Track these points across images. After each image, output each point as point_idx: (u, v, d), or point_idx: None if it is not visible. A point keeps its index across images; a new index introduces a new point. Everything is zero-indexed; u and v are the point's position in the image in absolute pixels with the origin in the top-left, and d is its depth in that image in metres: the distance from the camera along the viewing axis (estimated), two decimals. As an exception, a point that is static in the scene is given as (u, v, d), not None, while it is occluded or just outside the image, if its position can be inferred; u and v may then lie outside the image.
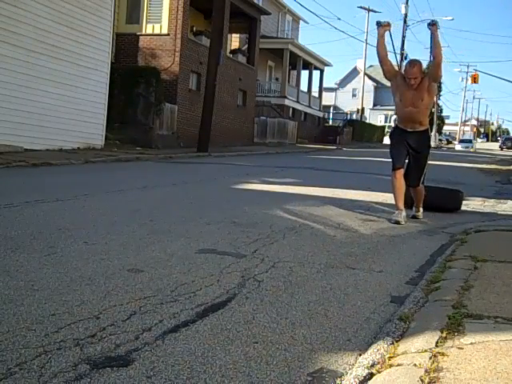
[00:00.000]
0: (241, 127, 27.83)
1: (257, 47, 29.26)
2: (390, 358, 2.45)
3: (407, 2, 48.76)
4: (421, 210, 6.98)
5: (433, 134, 61.70)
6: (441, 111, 70.40)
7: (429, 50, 6.83)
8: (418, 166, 6.65)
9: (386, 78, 6.80)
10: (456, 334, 2.64)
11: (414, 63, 6.53)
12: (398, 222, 6.35)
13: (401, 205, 6.51)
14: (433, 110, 63.88)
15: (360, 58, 56.23)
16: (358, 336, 2.88)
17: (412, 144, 6.59)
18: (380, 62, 6.69)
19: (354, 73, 76.24)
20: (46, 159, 11.85)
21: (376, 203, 8.09)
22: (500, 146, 67.89)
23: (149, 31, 22.04)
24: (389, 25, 6.71)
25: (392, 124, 51.19)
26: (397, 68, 6.97)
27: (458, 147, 61.16)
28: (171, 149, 19.20)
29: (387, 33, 6.87)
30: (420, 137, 6.64)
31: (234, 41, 30.68)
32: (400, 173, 6.55)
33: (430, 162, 6.89)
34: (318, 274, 4.06)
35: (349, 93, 75.99)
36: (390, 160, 6.66)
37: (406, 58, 50.60)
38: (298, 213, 6.86)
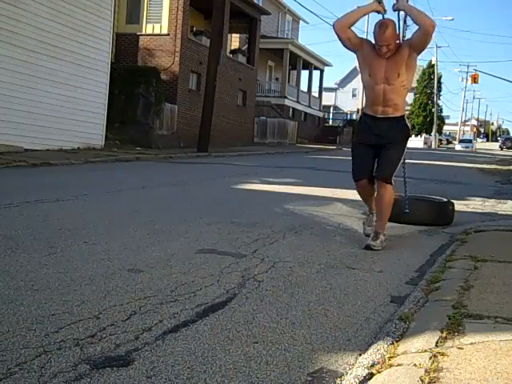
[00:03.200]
0: (241, 127, 27.83)
1: (257, 47, 29.26)
2: (390, 358, 2.45)
3: (407, 2, 48.77)
4: (381, 237, 5.05)
5: (433, 133, 61.92)
6: (441, 111, 70.42)
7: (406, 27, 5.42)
8: (389, 156, 5.09)
9: (347, 47, 5.12)
10: (456, 334, 2.64)
11: (386, 24, 4.88)
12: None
13: (372, 207, 5.41)
14: (433, 110, 64.13)
15: (360, 58, 56.17)
16: (358, 336, 2.88)
17: (379, 132, 5.03)
18: (337, 30, 4.99)
19: (353, 73, 76.20)
20: (46, 159, 11.85)
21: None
22: (500, 146, 67.90)
23: (149, 31, 22.05)
24: (384, 10, 5.14)
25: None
26: None
27: (458, 147, 61.18)
28: (171, 149, 19.19)
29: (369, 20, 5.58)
30: (393, 125, 5.04)
31: (234, 41, 30.67)
32: (362, 185, 5.22)
33: (428, 162, 6.72)
34: (318, 274, 4.06)
35: (349, 93, 75.99)
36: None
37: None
38: (298, 213, 6.86)
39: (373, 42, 5.05)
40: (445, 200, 6.84)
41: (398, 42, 4.96)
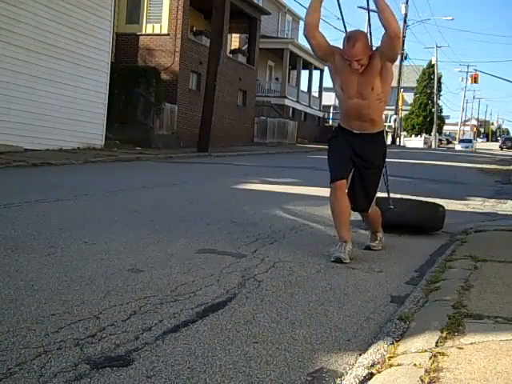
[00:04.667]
0: (241, 127, 27.83)
1: (257, 47, 29.27)
2: (390, 357, 2.45)
3: (407, 2, 48.81)
4: (379, 236, 5.01)
5: (433, 133, 61.90)
6: (441, 111, 70.42)
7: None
8: (367, 183, 4.64)
9: (317, 56, 4.73)
10: (456, 333, 2.64)
11: (356, 38, 4.34)
12: (339, 260, 4.33)
13: (345, 234, 4.49)
14: (433, 110, 64.10)
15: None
16: (358, 336, 2.88)
17: (359, 151, 4.58)
18: (307, 33, 4.49)
19: (353, 73, 76.16)
20: (46, 159, 11.85)
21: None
22: (500, 146, 67.87)
23: (149, 31, 22.05)
24: None
25: (392, 124, 51.19)
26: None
27: (458, 147, 61.16)
28: (171, 149, 19.19)
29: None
30: (371, 142, 4.62)
31: (234, 41, 30.67)
32: (342, 188, 4.53)
33: (428, 162, 6.62)
34: (318, 274, 4.06)
35: (349, 93, 75.85)
36: (329, 171, 4.68)
37: (405, 58, 50.65)
38: (298, 213, 6.86)
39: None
40: (433, 202, 6.29)
41: (370, 53, 4.40)
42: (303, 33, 4.52)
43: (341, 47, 4.48)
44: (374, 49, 4.52)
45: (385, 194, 5.20)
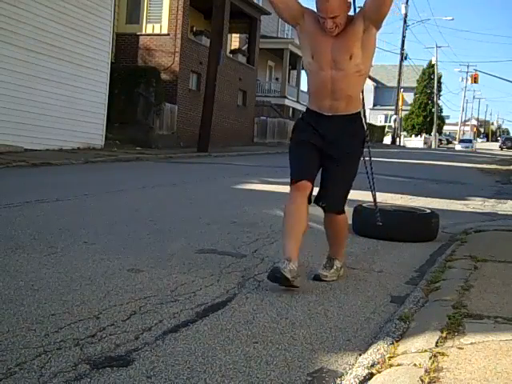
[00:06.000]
0: (241, 127, 27.83)
1: (257, 47, 29.26)
2: (390, 357, 2.45)
3: (407, 2, 48.82)
4: (336, 264, 3.94)
5: (433, 133, 61.88)
6: (441, 111, 70.40)
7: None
8: (339, 176, 3.78)
9: (283, 18, 3.88)
10: (456, 333, 2.64)
11: None
12: (276, 280, 3.42)
13: (292, 249, 3.54)
14: (433, 110, 64.09)
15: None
16: (358, 336, 2.88)
17: (331, 137, 3.70)
18: None
19: (353, 73, 76.15)
20: (46, 159, 11.85)
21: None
22: (500, 146, 67.89)
23: (149, 31, 22.05)
24: None
25: (392, 124, 51.16)
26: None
27: (458, 147, 61.17)
28: (171, 149, 19.19)
29: None
30: (346, 126, 3.71)
31: (234, 41, 30.67)
32: (303, 191, 3.69)
33: (428, 162, 6.37)
34: (318, 273, 4.05)
35: (349, 93, 75.82)
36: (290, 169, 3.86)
37: (405, 58, 50.62)
38: (298, 213, 6.84)
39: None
40: (428, 212, 5.80)
41: (349, 14, 3.59)
42: None
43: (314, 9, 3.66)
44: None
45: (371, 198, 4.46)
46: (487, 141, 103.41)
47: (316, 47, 3.64)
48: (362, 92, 3.88)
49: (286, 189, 3.97)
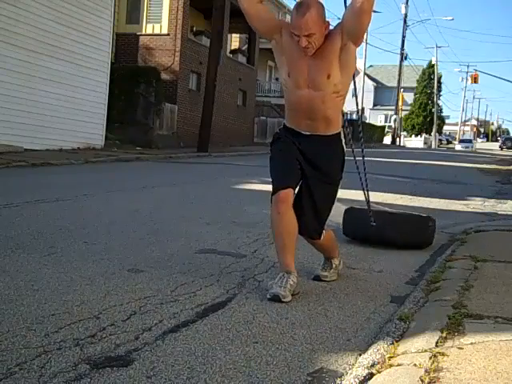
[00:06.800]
0: (241, 127, 27.82)
1: (257, 47, 29.25)
2: (390, 357, 2.45)
3: (407, 2, 48.85)
4: (334, 263, 3.93)
5: (433, 134, 61.88)
6: (441, 111, 70.42)
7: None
8: (318, 201, 3.58)
9: (258, 31, 3.73)
10: (456, 333, 2.64)
11: (307, 5, 3.31)
12: (277, 298, 3.28)
13: (288, 261, 3.46)
14: (433, 110, 64.11)
15: (360, 57, 56.24)
16: (358, 336, 2.88)
17: (310, 157, 3.55)
18: (242, 2, 3.61)
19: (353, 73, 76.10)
20: (46, 159, 11.85)
21: (376, 203, 8.07)
22: (500, 146, 67.89)
23: (149, 31, 22.04)
24: None
25: (392, 124, 51.16)
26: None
27: (458, 147, 61.16)
28: (171, 149, 19.19)
29: None
30: (325, 147, 3.55)
31: (234, 41, 30.67)
32: (286, 200, 3.48)
33: (428, 162, 6.20)
34: (318, 273, 4.05)
35: (349, 93, 75.69)
36: (271, 180, 3.68)
37: (406, 58, 50.62)
38: (298, 213, 6.84)
39: None
40: (420, 215, 5.49)
41: (326, 31, 3.38)
42: (239, 3, 3.59)
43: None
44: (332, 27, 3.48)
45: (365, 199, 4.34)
46: (487, 141, 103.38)
47: (292, 65, 3.45)
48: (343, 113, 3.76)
49: (286, 189, 3.90)
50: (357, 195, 6.01)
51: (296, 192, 3.57)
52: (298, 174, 3.55)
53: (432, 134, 62.25)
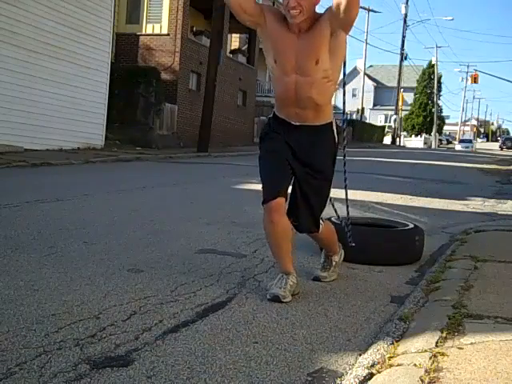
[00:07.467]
0: (241, 127, 27.83)
1: (257, 47, 29.23)
2: (390, 357, 2.45)
3: (407, 2, 48.85)
4: (334, 260, 3.83)
5: (433, 134, 61.88)
6: (441, 111, 70.41)
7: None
8: (311, 196, 3.46)
9: (241, 20, 3.40)
10: (456, 334, 2.64)
11: None
12: (277, 299, 3.27)
13: (287, 264, 3.43)
14: (433, 110, 64.11)
15: (360, 57, 56.29)
16: (358, 336, 2.88)
17: (299, 153, 3.41)
18: None
19: (353, 73, 76.22)
20: (46, 159, 11.85)
21: (376, 203, 8.09)
22: (500, 146, 67.87)
23: (149, 31, 22.05)
24: None
25: (392, 124, 51.14)
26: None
27: (458, 147, 61.15)
28: (171, 149, 19.19)
29: None
30: (315, 138, 3.40)
31: (234, 41, 30.67)
32: (278, 209, 3.34)
33: (428, 162, 6.00)
34: (318, 273, 4.05)
35: (349, 93, 75.94)
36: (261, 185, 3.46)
37: (406, 59, 50.62)
38: (298, 213, 6.84)
39: (281, 11, 3.30)
40: (410, 227, 4.69)
41: (316, 5, 3.25)
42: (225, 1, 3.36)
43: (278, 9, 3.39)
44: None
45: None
46: (487, 141, 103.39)
47: (279, 50, 3.31)
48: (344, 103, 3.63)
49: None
50: (354, 195, 6.00)
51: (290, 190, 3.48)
52: (288, 175, 3.42)
53: (432, 134, 62.24)
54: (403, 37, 48.64)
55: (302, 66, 3.26)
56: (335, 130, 3.45)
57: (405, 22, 48.57)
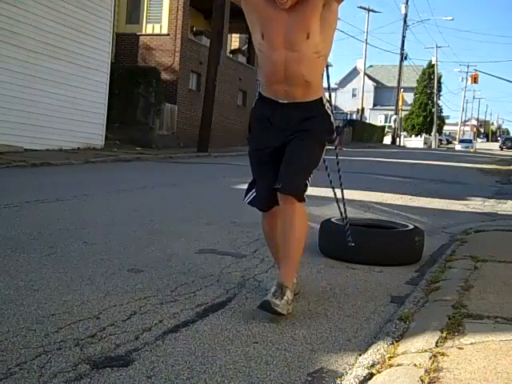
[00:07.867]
0: (241, 127, 27.79)
1: (257, 47, 29.25)
2: (390, 357, 2.45)
3: (407, 2, 48.84)
4: (287, 296, 3.00)
5: (433, 134, 61.86)
6: (441, 111, 70.40)
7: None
8: (298, 153, 3.13)
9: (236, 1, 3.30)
10: (456, 334, 2.64)
11: None
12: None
13: (287, 274, 3.15)
14: (433, 110, 64.10)
15: (360, 57, 56.29)
16: (358, 336, 2.88)
17: (289, 126, 3.15)
18: None
19: (353, 73, 76.30)
20: (46, 159, 11.85)
21: (376, 203, 8.09)
22: (500, 146, 67.88)
23: (149, 31, 22.04)
24: None
25: (392, 124, 51.13)
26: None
27: (458, 147, 61.16)
28: (171, 149, 19.19)
29: None
30: (307, 113, 3.14)
31: (234, 41, 30.66)
32: (273, 215, 3.31)
33: (428, 162, 6.14)
34: (318, 274, 4.06)
35: (349, 93, 76.00)
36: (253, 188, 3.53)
37: (406, 59, 50.61)
38: (298, 213, 6.83)
39: None
40: (409, 228, 4.69)
41: None
42: None
43: None
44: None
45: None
46: (487, 141, 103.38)
47: (266, 24, 3.08)
48: (328, 77, 3.44)
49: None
50: (355, 195, 6.01)
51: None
52: (277, 174, 3.17)
53: (432, 134, 62.22)
54: (403, 37, 48.65)
55: (291, 41, 3.03)
56: (327, 105, 3.22)
57: (405, 21, 48.57)
